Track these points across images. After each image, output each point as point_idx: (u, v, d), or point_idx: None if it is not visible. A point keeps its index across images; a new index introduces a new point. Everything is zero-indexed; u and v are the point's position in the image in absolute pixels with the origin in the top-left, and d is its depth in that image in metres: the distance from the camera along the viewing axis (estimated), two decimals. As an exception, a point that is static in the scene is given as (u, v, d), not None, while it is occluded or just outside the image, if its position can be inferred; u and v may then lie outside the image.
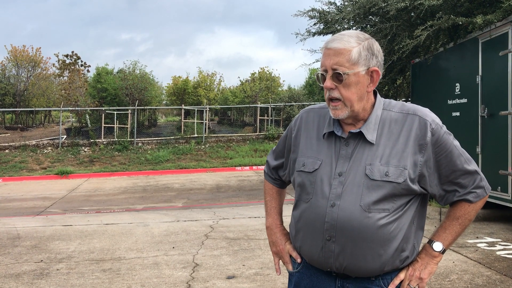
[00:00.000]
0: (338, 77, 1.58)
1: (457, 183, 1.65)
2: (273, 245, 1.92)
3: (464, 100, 7.35)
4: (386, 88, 10.71)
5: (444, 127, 1.65)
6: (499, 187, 6.50)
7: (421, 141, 1.60)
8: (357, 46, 1.58)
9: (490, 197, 6.74)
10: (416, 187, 1.60)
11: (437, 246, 1.70)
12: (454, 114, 7.63)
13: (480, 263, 4.94)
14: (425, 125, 1.61)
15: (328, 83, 1.60)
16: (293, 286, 1.80)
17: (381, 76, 1.65)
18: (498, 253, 5.32)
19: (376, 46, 1.64)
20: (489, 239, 5.97)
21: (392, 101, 1.72)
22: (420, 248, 1.74)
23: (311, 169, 1.68)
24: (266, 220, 1.98)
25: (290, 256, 1.84)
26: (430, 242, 1.71)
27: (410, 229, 1.63)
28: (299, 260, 1.77)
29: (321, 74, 1.63)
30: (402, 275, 1.66)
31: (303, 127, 1.79)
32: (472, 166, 1.66)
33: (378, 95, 1.70)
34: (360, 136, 1.63)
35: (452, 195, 1.67)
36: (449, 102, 7.74)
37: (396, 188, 1.57)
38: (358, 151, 1.62)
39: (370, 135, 1.62)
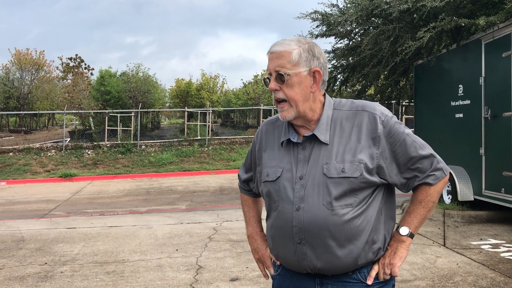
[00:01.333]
0: (280, 78, 1.65)
1: (416, 169, 1.70)
2: (255, 252, 1.97)
3: (467, 102, 7.34)
4: (389, 90, 10.70)
5: (394, 118, 1.70)
6: (502, 189, 6.49)
7: (373, 134, 1.65)
8: (298, 48, 1.66)
9: (494, 198, 6.73)
10: (375, 178, 1.65)
11: (403, 230, 1.73)
12: (457, 115, 7.62)
13: (484, 265, 4.93)
14: (375, 118, 1.66)
15: (272, 84, 1.68)
16: None
17: (325, 78, 1.72)
18: (502, 254, 5.30)
19: (318, 49, 1.70)
20: (493, 241, 5.95)
21: (342, 100, 1.77)
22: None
23: (274, 178, 1.73)
24: (247, 230, 2.03)
25: (272, 260, 1.88)
26: (397, 228, 1.75)
27: (378, 220, 1.68)
28: (278, 263, 1.82)
29: (267, 78, 1.70)
30: (376, 267, 1.70)
31: (264, 140, 1.86)
32: (427, 150, 1.71)
33: (327, 96, 1.76)
34: (314, 138, 1.69)
35: (413, 181, 1.72)
36: (452, 103, 7.73)
37: (354, 183, 1.62)
38: (315, 152, 1.68)
39: (323, 136, 1.68)
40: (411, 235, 1.74)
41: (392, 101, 11.54)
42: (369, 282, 1.69)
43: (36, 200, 12.29)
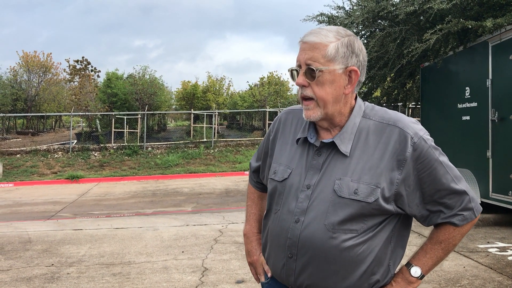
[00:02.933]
0: (311, 73, 1.45)
1: (442, 203, 1.48)
2: (248, 255, 1.84)
3: (474, 104, 7.31)
4: (395, 92, 10.68)
5: (430, 141, 1.48)
6: (510, 192, 6.45)
7: (400, 156, 1.43)
8: (335, 41, 1.45)
9: (502, 201, 6.69)
10: (391, 207, 1.45)
11: (415, 271, 1.53)
12: (464, 118, 7.58)
13: (491, 268, 4.90)
14: (405, 138, 1.44)
15: (301, 79, 1.47)
16: None
17: (362, 79, 1.52)
18: (510, 258, 5.27)
19: (358, 44, 1.49)
20: (501, 244, 5.91)
21: (376, 107, 1.56)
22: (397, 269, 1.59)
23: (280, 178, 1.57)
24: (245, 227, 1.89)
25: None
26: (408, 265, 1.55)
27: (385, 250, 1.49)
28: (269, 275, 1.68)
29: (295, 70, 1.49)
30: None
31: (280, 130, 1.68)
32: (461, 185, 1.49)
33: (359, 100, 1.56)
34: (333, 146, 1.50)
35: (437, 216, 1.50)
36: (459, 106, 7.70)
37: (365, 208, 1.42)
38: (330, 162, 1.49)
39: (344, 146, 1.48)
40: (421, 278, 1.53)
41: (399, 104, 11.50)
42: None
43: (43, 201, 12.35)
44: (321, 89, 1.45)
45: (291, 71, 1.51)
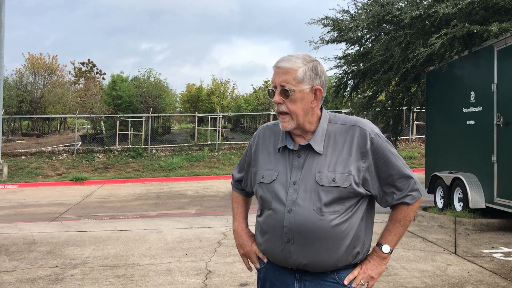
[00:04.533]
0: (285, 93, 1.79)
1: (394, 186, 1.85)
2: (240, 247, 2.10)
3: (479, 109, 7.29)
4: (400, 96, 10.66)
5: (383, 136, 1.85)
6: (515, 197, 6.42)
7: (363, 149, 1.81)
8: (303, 66, 1.79)
9: (507, 206, 6.66)
10: (361, 190, 1.80)
11: (386, 248, 1.89)
12: (469, 122, 7.57)
13: (496, 273, 4.88)
14: (365, 135, 1.81)
15: (277, 98, 1.81)
16: (261, 280, 1.99)
17: (324, 95, 1.85)
18: (514, 263, 5.24)
19: (320, 68, 1.84)
20: (505, 249, 5.89)
21: (337, 114, 1.92)
22: (369, 246, 1.91)
23: (269, 180, 1.88)
24: (233, 224, 2.17)
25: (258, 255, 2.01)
26: (379, 245, 1.90)
27: (360, 228, 1.83)
28: (265, 260, 1.96)
29: (272, 90, 1.84)
30: (356, 272, 1.85)
31: (260, 143, 2.00)
32: (408, 171, 1.86)
33: (324, 110, 1.91)
34: (309, 147, 1.84)
35: (391, 197, 1.87)
36: (464, 110, 7.68)
37: (343, 192, 1.77)
38: (309, 161, 1.83)
39: (318, 146, 1.82)
40: (390, 252, 1.90)
41: (403, 107, 11.48)
42: (346, 282, 1.83)
43: (47, 203, 12.39)
44: (294, 105, 1.80)
45: (268, 91, 1.86)
